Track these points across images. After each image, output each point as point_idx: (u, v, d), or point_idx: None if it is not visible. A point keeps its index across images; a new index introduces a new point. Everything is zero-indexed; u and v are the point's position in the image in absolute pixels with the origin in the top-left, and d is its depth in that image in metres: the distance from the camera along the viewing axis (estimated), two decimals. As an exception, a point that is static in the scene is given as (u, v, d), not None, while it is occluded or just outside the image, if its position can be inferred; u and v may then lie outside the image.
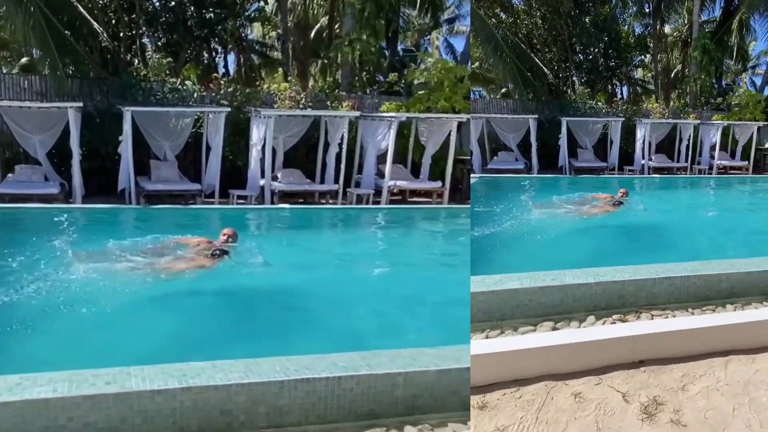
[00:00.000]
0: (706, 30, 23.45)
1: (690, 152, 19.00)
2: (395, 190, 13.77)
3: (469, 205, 13.90)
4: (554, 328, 4.95)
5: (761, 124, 19.80)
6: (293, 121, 13.15)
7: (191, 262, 7.34)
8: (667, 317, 5.13)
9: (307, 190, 13.06)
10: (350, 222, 11.81)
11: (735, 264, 5.82)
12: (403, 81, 15.81)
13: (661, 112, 20.02)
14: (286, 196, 12.82)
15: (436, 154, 14.49)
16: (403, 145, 14.39)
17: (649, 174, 18.44)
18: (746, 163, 19.77)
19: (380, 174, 13.73)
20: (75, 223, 9.69)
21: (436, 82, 14.98)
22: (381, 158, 13.78)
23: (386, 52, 16.60)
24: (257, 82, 17.26)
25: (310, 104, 13.31)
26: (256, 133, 12.57)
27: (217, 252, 7.43)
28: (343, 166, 12.85)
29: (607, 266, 5.77)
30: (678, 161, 19.18)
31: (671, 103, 23.26)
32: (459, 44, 30.47)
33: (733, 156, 19.99)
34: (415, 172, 14.57)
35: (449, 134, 13.89)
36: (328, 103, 13.80)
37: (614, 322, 5.06)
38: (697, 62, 21.48)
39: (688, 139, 18.97)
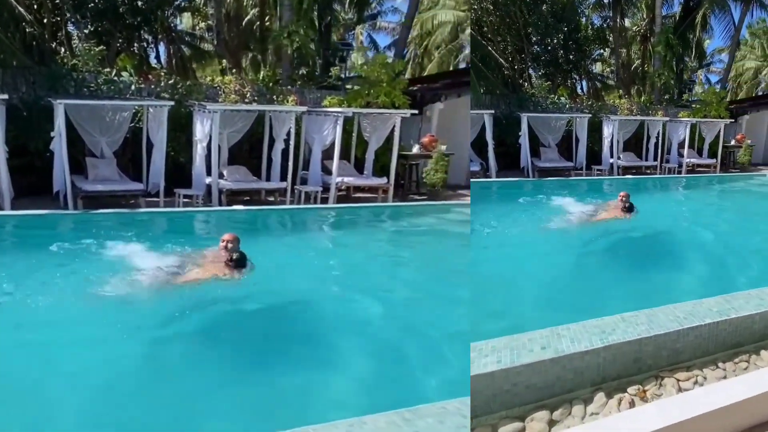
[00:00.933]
0: (668, 25, 22.50)
1: (659, 150, 18.19)
2: (342, 187, 13.21)
3: (413, 202, 13.68)
4: (551, 421, 3.55)
5: (727, 121, 19.50)
6: (237, 116, 12.17)
7: (206, 273, 6.50)
8: (696, 381, 3.92)
9: (255, 188, 12.23)
10: (314, 223, 11.06)
11: (764, 295, 4.67)
12: (346, 74, 15.19)
13: (629, 109, 19.31)
14: (233, 195, 12.00)
15: (377, 149, 14.09)
16: (345, 140, 13.79)
17: (619, 174, 17.35)
18: (714, 161, 19.25)
19: (325, 170, 13.14)
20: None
21: (375, 77, 14.52)
22: (325, 154, 13.20)
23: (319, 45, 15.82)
24: (192, 75, 16.10)
25: (255, 98, 12.44)
26: (200, 129, 11.53)
27: (233, 260, 6.54)
28: (291, 163, 12.15)
29: (613, 303, 4.96)
30: (647, 160, 18.23)
31: (632, 98, 22.06)
32: (382, 40, 30.24)
33: (700, 154, 19.51)
34: (358, 168, 14.11)
35: (393, 129, 13.51)
36: (274, 97, 12.97)
37: (632, 400, 3.76)
38: (661, 57, 20.75)
39: (657, 137, 18.17)
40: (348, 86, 15.27)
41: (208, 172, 11.49)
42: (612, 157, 17.39)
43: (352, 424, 3.03)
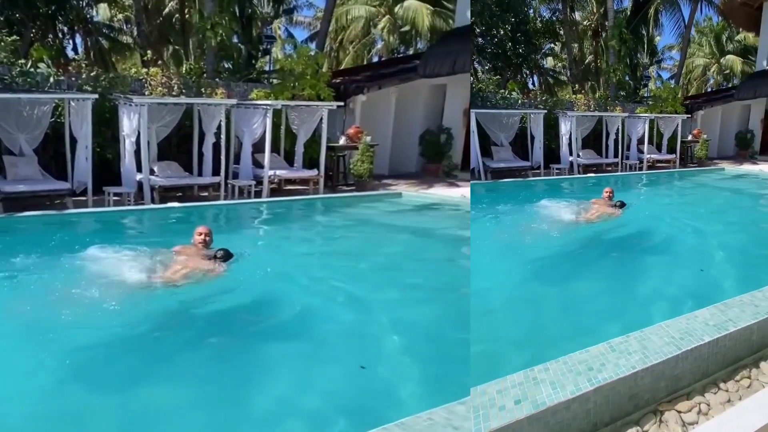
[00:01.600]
0: (620, 19, 21.49)
1: (620, 147, 17.37)
2: (275, 180, 12.84)
3: (343, 192, 13.50)
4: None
5: (685, 117, 19.33)
6: (164, 109, 11.47)
7: (192, 269, 6.13)
8: (699, 410, 3.39)
9: (189, 184, 11.62)
10: (254, 218, 10.57)
11: (758, 300, 4.27)
12: (271, 67, 14.73)
13: (586, 104, 18.03)
14: (165, 191, 11.35)
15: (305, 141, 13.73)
16: (274, 133, 13.38)
17: (579, 172, 16.26)
18: (674, 156, 18.81)
19: (255, 163, 12.70)
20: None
21: (300, 70, 14.21)
22: (254, 147, 12.74)
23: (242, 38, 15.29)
24: (112, 68, 14.97)
25: (183, 91, 11.79)
26: (128, 123, 10.76)
27: (220, 254, 6.27)
28: (223, 157, 11.66)
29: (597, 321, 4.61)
30: (607, 157, 17.28)
31: (587, 94, 21.13)
32: (299, 34, 29.61)
33: (659, 149, 18.95)
34: (287, 161, 13.71)
35: (320, 121, 13.25)
36: (202, 90, 12.36)
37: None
38: (615, 52, 20.06)
39: (616, 133, 17.26)
40: (271, 79, 14.89)
41: (139, 169, 10.80)
42: (571, 155, 16.43)
43: None
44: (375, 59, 26.03)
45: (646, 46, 24.96)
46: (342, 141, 14.25)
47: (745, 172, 17.56)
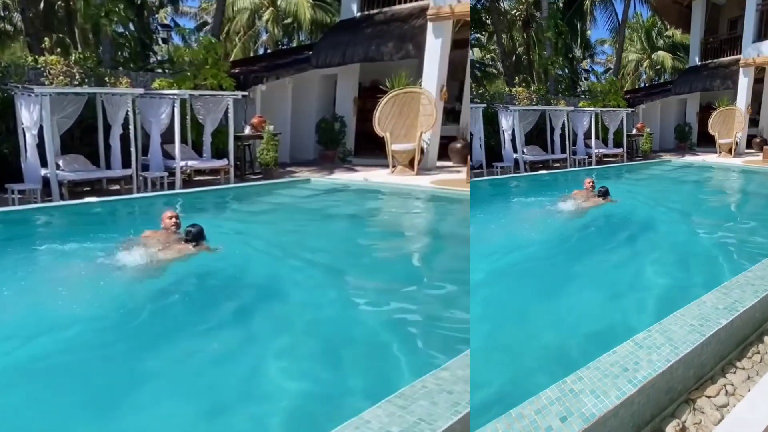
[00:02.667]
0: (555, 10, 20.14)
1: (566, 142, 16.23)
2: (187, 171, 12.13)
3: (253, 181, 13.03)
4: None
5: (629, 110, 18.69)
6: (65, 99, 10.40)
7: (172, 252, 5.97)
8: (726, 390, 3.32)
9: (99, 178, 10.66)
10: (181, 209, 9.87)
11: (753, 280, 4.24)
12: (171, 56, 13.76)
13: (528, 98, 17.02)
14: (75, 186, 10.33)
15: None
16: (181, 123, 12.60)
17: (526, 170, 14.82)
18: (621, 150, 17.97)
19: (164, 154, 11.92)
20: None
21: (201, 59, 13.51)
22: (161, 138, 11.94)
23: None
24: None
25: (85, 81, 10.73)
26: (27, 115, 9.65)
27: (190, 233, 6.10)
28: (133, 149, 10.82)
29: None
30: (554, 153, 16.05)
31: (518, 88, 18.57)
32: (185, 24, 27.67)
33: (605, 143, 18.08)
34: (195, 151, 12.97)
35: (227, 111, 12.67)
36: (106, 80, 11.31)
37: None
38: (552, 44, 18.86)
39: (562, 128, 16.08)
40: (166, 68, 14.02)
41: (43, 164, 9.76)
42: (516, 152, 15.11)
43: (357, 426, 2.64)
44: (261, 51, 25.27)
45: (579, 40, 24.25)
46: (247, 130, 13.75)
47: (690, 163, 17.43)
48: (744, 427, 2.72)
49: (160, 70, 14.26)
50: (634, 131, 19.29)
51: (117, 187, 10.92)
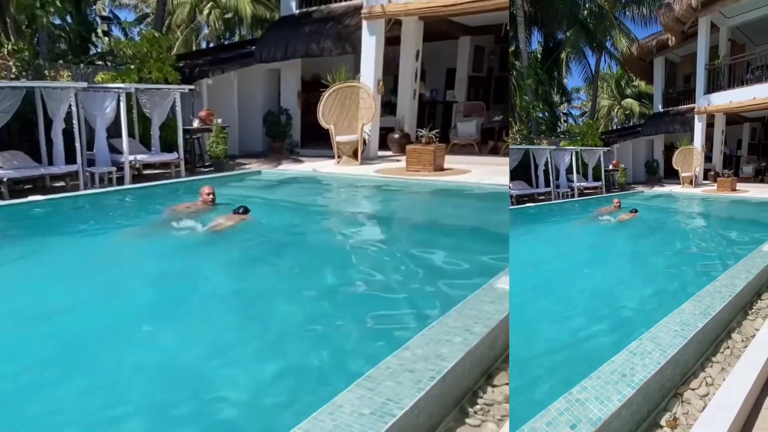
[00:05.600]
0: (534, 60, 20.55)
1: (550, 177, 16.01)
2: (137, 165, 10.65)
3: (205, 175, 11.78)
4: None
5: (605, 149, 18.74)
6: (1, 93, 8.72)
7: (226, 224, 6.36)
8: (705, 382, 3.47)
9: (42, 174, 9.05)
10: (139, 206, 8.44)
11: (719, 288, 4.48)
12: (114, 50, 12.05)
13: (512, 138, 16.63)
14: (15, 184, 8.70)
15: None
16: (127, 117, 11.09)
17: (513, 203, 14.22)
18: (600, 183, 17.86)
19: (111, 149, 10.38)
20: None
21: (145, 52, 11.94)
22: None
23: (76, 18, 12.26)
24: None
25: (23, 74, 9.04)
26: (-42, 111, 8.01)
27: (241, 209, 6.59)
28: (78, 144, 9.29)
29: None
30: (538, 187, 15.66)
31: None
32: (124, 16, 24.96)
33: (586, 178, 17.75)
34: (143, 145, 11.45)
35: (174, 104, 11.25)
36: (45, 73, 9.60)
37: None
38: (533, 90, 19.18)
39: (545, 165, 15.84)
40: (107, 61, 12.39)
41: (-23, 161, 8.11)
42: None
43: (331, 411, 2.46)
44: (204, 44, 23.26)
45: (557, 87, 24.70)
46: (195, 124, 12.40)
47: (659, 193, 18.18)
48: (724, 411, 2.91)
49: (101, 63, 12.57)
50: (611, 167, 19.55)
51: (62, 183, 9.37)
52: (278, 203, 8.95)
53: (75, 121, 9.17)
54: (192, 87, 11.88)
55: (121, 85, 10.17)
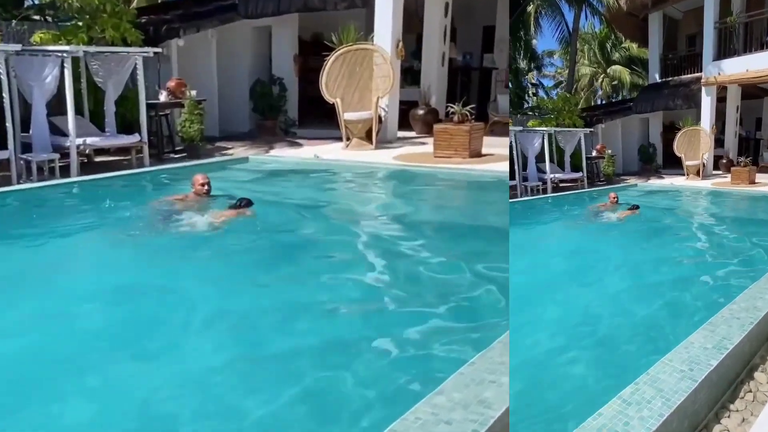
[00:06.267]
0: None
1: (516, 167, 14.84)
2: (87, 151, 10.12)
3: (178, 162, 11.24)
4: None
5: (587, 130, 17.38)
6: None
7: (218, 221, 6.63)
8: None
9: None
10: (92, 205, 8.00)
11: (737, 313, 4.39)
12: (52, 3, 11.57)
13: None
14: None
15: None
16: (74, 88, 10.50)
17: None
18: (581, 174, 16.54)
19: (53, 130, 9.87)
20: None
21: (96, 6, 11.39)
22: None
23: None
24: None
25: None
26: None
27: (242, 202, 6.92)
28: (9, 125, 8.70)
29: None
30: None
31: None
32: None
33: (562, 167, 16.58)
34: (95, 125, 10.91)
35: (134, 72, 10.80)
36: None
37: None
38: None
39: (510, 150, 14.42)
40: (50, 17, 11.98)
41: None
42: None
43: None
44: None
45: (523, 50, 23.50)
46: (162, 97, 11.97)
47: (657, 187, 17.24)
48: None
49: (39, 18, 12.13)
50: (594, 153, 18.57)
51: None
52: (270, 200, 8.34)
53: (5, 95, 8.69)
54: (158, 50, 11.44)
55: (66, 48, 9.70)
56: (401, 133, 14.00)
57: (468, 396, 2.91)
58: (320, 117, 14.33)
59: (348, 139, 12.47)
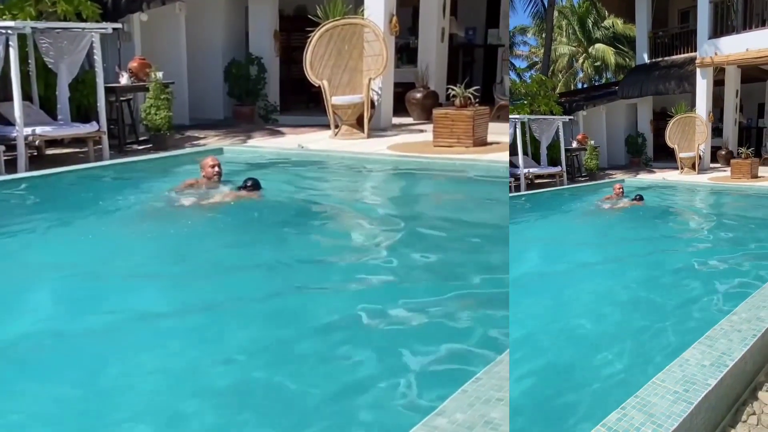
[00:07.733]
0: None
1: None
2: (36, 143, 9.92)
3: (142, 155, 11.10)
4: None
5: (565, 118, 17.06)
6: None
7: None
8: None
9: None
10: (38, 206, 7.81)
11: (737, 324, 4.44)
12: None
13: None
14: None
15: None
16: (21, 71, 10.26)
17: None
18: (559, 169, 16.38)
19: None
20: None
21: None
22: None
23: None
24: None
25: None
26: None
27: (249, 183, 7.29)
28: (-56, 112, 8.51)
29: None
30: None
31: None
32: None
33: (537, 161, 16.49)
34: (46, 112, 10.79)
35: (91, 51, 10.63)
36: None
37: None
38: None
39: None
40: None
41: None
42: None
43: None
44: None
45: None
46: (124, 80, 11.89)
47: (647, 182, 16.85)
48: None
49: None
50: (575, 144, 18.36)
51: None
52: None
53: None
54: (118, 25, 11.40)
55: (11, 23, 9.47)
56: (396, 120, 14.09)
57: (473, 417, 2.89)
58: (305, 102, 14.66)
59: (336, 126, 12.50)
